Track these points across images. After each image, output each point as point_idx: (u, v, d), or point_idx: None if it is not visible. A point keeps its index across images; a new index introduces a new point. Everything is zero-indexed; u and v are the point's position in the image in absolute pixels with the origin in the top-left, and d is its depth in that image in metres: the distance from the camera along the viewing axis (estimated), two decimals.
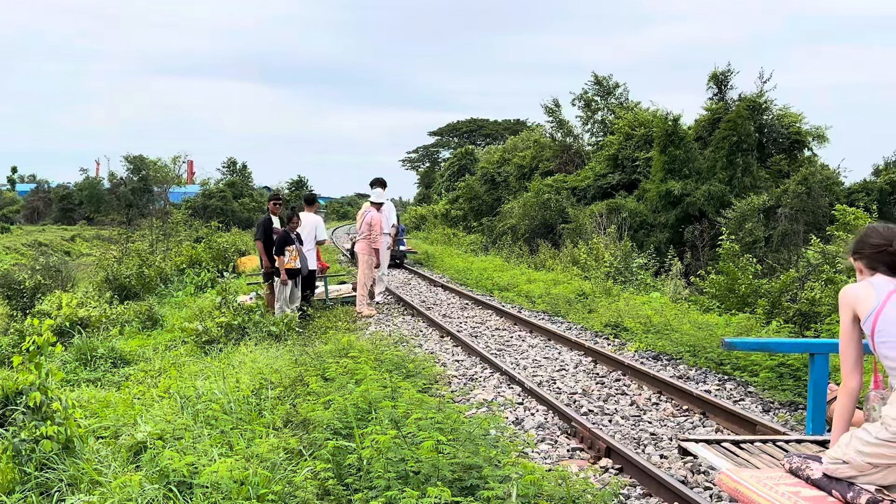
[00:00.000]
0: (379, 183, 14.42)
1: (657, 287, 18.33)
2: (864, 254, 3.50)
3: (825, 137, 26.21)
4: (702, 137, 26.61)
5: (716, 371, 8.71)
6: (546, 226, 29.59)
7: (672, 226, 25.77)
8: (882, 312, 3.24)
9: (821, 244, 17.17)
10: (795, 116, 26.13)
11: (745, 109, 25.37)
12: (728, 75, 26.70)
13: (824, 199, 23.75)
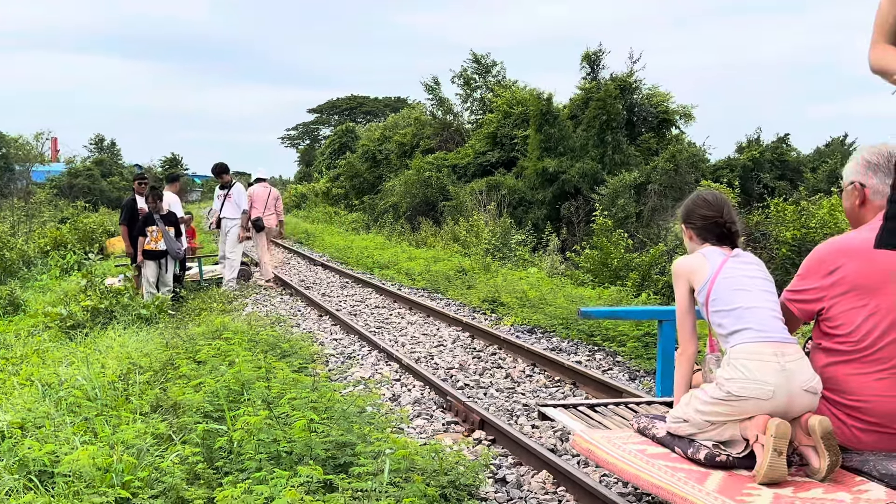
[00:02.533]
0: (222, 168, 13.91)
1: (535, 263, 18.80)
2: (696, 224, 3.69)
3: (691, 116, 27.36)
4: (576, 116, 27.28)
5: (587, 342, 9.05)
6: (427, 203, 29.77)
7: (549, 203, 26.39)
8: (715, 282, 3.46)
9: None
10: (663, 95, 27.14)
11: (615, 89, 26.16)
12: (600, 55, 27.45)
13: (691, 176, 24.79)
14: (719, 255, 3.56)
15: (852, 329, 3.29)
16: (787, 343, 3.30)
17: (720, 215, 3.63)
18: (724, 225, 3.62)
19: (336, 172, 42.28)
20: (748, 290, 3.43)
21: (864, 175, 3.43)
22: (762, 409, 3.20)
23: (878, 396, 3.22)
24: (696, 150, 27.00)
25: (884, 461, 3.15)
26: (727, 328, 3.39)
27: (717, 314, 3.44)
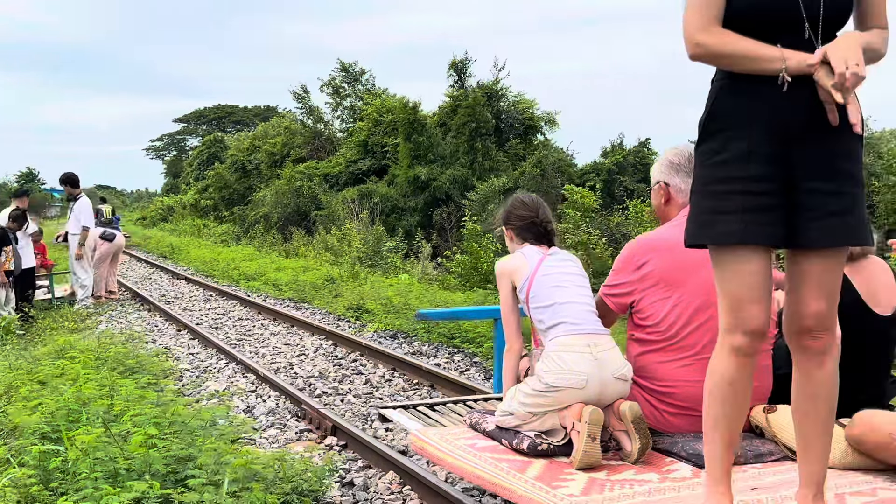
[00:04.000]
0: None
1: (406, 269, 18.94)
2: (515, 225, 3.85)
3: (556, 122, 28.21)
4: (445, 123, 27.67)
5: (447, 345, 9.19)
6: (299, 213, 29.52)
7: (421, 209, 26.63)
8: (534, 280, 3.62)
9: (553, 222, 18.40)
10: (529, 102, 27.87)
11: (482, 96, 26.69)
12: (466, 63, 27.92)
13: (558, 180, 25.55)
14: (537, 253, 3.71)
15: (659, 319, 3.50)
16: (599, 334, 3.48)
17: (536, 215, 3.80)
18: (541, 224, 3.79)
19: (205, 184, 41.32)
20: (564, 287, 3.60)
21: (667, 175, 3.66)
22: (578, 397, 3.36)
23: (685, 382, 3.43)
24: (562, 155, 27.81)
25: (691, 442, 3.36)
26: (546, 323, 3.54)
27: (536, 310, 3.59)
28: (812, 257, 2.42)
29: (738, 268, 2.40)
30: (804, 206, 2.35)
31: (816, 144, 2.34)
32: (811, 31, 2.30)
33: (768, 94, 2.31)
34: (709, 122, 2.44)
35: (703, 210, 2.44)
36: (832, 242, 2.39)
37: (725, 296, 2.45)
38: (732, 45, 2.32)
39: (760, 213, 2.34)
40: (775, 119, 2.33)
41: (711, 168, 2.41)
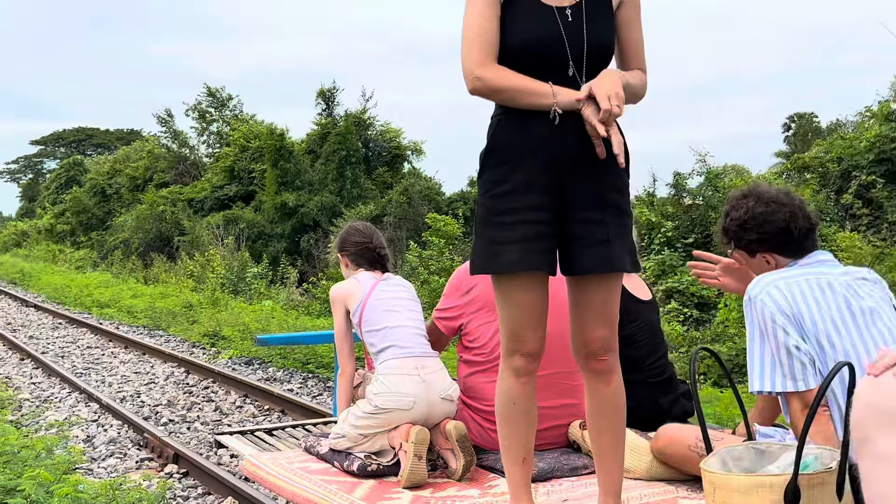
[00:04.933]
0: None
1: (271, 295, 18.65)
2: (350, 251, 3.91)
3: (422, 151, 28.56)
4: (313, 151, 27.55)
5: (301, 370, 9.11)
6: (162, 239, 28.61)
7: (289, 236, 26.35)
8: (367, 304, 3.67)
9: (418, 248, 18.63)
10: (396, 131, 28.14)
11: (351, 125, 26.76)
12: (335, 92, 27.96)
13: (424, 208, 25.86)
14: (371, 279, 3.77)
15: (485, 342, 3.61)
16: (427, 357, 3.56)
17: (370, 242, 3.86)
18: (375, 250, 3.86)
19: (62, 208, 39.48)
20: (396, 311, 3.67)
21: None
22: (406, 418, 3.42)
23: None
24: (429, 183, 28.15)
25: None
26: (376, 346, 3.59)
27: (368, 334, 3.64)
28: (590, 283, 2.52)
29: (519, 294, 2.47)
30: (577, 235, 2.45)
31: (587, 177, 2.44)
32: (576, 70, 2.42)
33: (542, 128, 2.39)
34: (488, 154, 2.49)
35: (487, 240, 2.47)
36: (603, 269, 2.49)
37: (506, 321, 2.52)
38: (508, 80, 2.39)
39: (539, 241, 2.42)
40: (549, 152, 2.41)
41: (493, 199, 2.46)
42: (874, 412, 1.48)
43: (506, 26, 2.43)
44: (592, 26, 2.43)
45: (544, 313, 2.53)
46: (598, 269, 2.49)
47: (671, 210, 15.79)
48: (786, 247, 2.73)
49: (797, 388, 2.55)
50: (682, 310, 12.46)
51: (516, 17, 2.43)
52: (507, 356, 2.56)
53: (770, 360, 2.62)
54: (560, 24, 2.40)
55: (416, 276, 16.59)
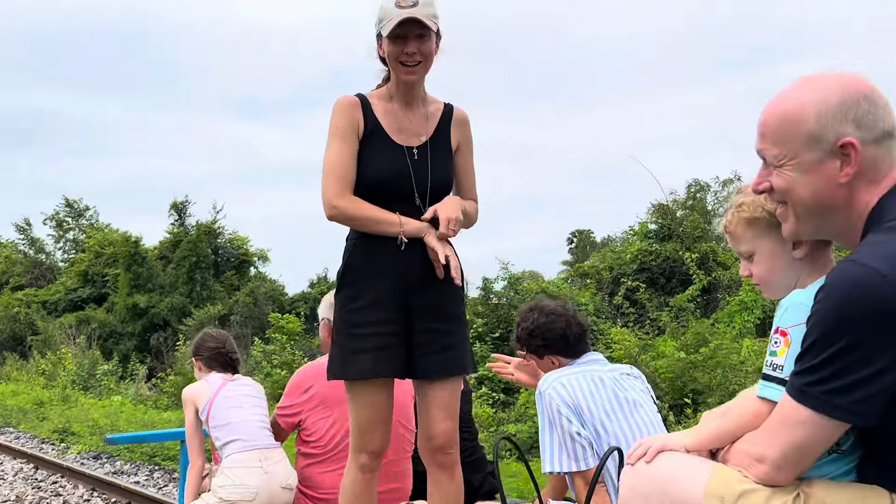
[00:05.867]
0: None
1: (120, 391, 17.37)
2: (204, 356, 3.78)
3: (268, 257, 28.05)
4: (165, 256, 26.41)
5: (149, 463, 8.47)
6: (15, 338, 26.16)
7: (139, 334, 24.84)
8: (214, 402, 3.54)
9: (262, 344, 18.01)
10: (243, 240, 27.55)
11: (202, 234, 25.96)
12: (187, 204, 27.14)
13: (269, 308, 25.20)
14: (220, 379, 3.65)
15: (321, 435, 3.54)
16: (270, 448, 3.45)
17: (223, 347, 3.75)
18: (227, 355, 3.75)
19: None
20: (241, 407, 3.55)
21: (329, 312, 3.79)
22: None
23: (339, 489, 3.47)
24: (274, 285, 27.55)
25: None
26: (222, 440, 3.45)
27: (215, 429, 3.50)
28: (435, 385, 2.54)
29: (369, 398, 2.46)
30: (424, 343, 2.49)
31: (429, 293, 2.51)
32: (421, 201, 2.53)
33: (391, 251, 2.46)
34: (345, 273, 2.52)
35: (344, 349, 2.47)
36: (446, 373, 2.54)
37: (356, 420, 2.50)
38: (361, 210, 2.45)
39: (389, 350, 2.45)
40: (396, 273, 2.46)
41: (349, 313, 2.47)
42: (635, 495, 1.59)
43: (362, 161, 2.50)
44: (436, 165, 2.54)
45: (390, 415, 2.53)
46: (445, 373, 2.53)
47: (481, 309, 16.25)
48: (565, 349, 2.91)
49: (580, 468, 2.67)
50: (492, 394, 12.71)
51: (372, 154, 2.51)
52: (354, 452, 2.52)
53: (558, 445, 2.74)
54: (408, 162, 2.51)
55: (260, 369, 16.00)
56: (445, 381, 2.55)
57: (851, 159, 1.46)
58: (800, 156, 1.50)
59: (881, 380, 1.34)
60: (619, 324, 13.95)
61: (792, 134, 1.50)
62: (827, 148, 1.47)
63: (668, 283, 14.36)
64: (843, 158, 1.47)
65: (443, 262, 2.42)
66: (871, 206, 1.48)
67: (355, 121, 2.50)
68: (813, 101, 1.48)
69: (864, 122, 1.46)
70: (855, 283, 1.35)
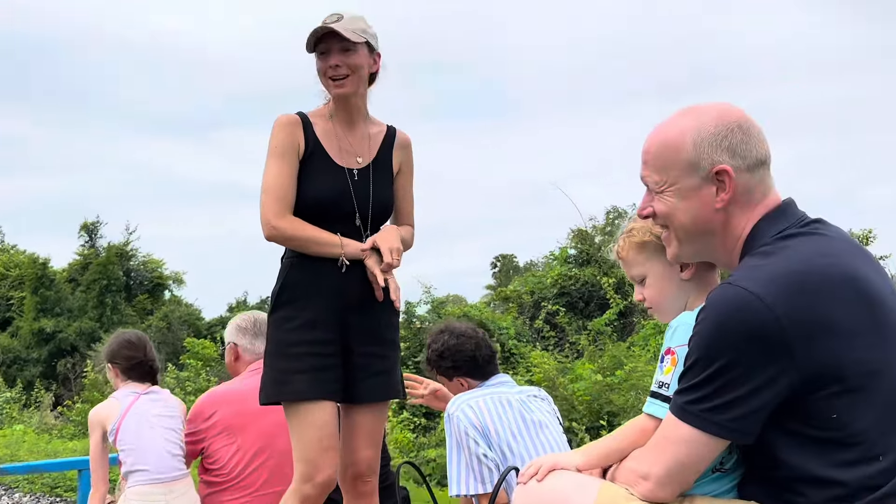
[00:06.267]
0: None
1: (23, 420, 16.51)
2: (121, 364, 3.50)
3: (183, 280, 27.32)
4: (75, 279, 25.39)
5: (50, 494, 8.06)
6: None
7: (45, 360, 23.72)
8: (123, 422, 3.36)
9: (176, 371, 17.48)
10: (158, 262, 26.76)
11: (114, 256, 25.09)
12: (98, 225, 26.22)
13: (184, 332, 24.48)
14: (131, 395, 3.44)
15: (224, 463, 3.43)
16: (177, 480, 3.32)
17: (143, 355, 3.56)
18: (147, 363, 3.56)
19: None
20: (153, 428, 3.38)
21: (236, 336, 3.70)
22: None
23: None
24: (190, 309, 26.82)
25: None
26: (128, 466, 3.29)
27: (123, 453, 3.33)
28: (364, 410, 2.51)
29: (310, 420, 2.36)
30: (358, 366, 2.46)
31: (368, 316, 2.48)
32: (361, 222, 2.51)
33: (330, 272, 2.41)
34: (281, 293, 2.46)
35: (278, 370, 2.40)
36: (380, 397, 2.52)
37: (302, 447, 2.38)
38: (302, 231, 2.41)
39: (327, 372, 2.39)
40: (336, 294, 2.41)
41: (286, 333, 2.41)
42: None
43: (303, 181, 2.46)
44: (377, 187, 2.53)
45: (335, 438, 2.43)
46: (380, 398, 2.51)
47: (404, 333, 16.21)
48: (474, 371, 2.93)
49: (486, 490, 2.69)
50: (413, 419, 12.66)
51: (312, 175, 2.47)
52: (299, 483, 2.38)
53: (465, 467, 2.75)
54: (349, 183, 2.49)
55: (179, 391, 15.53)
56: (375, 406, 2.53)
57: (726, 185, 1.53)
58: (679, 182, 1.57)
59: (758, 398, 1.40)
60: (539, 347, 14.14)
61: (671, 161, 1.57)
62: (704, 174, 1.54)
63: (587, 308, 14.66)
64: (718, 185, 1.54)
65: (382, 285, 2.41)
66: (748, 231, 1.55)
67: (296, 140, 2.47)
68: (691, 130, 1.55)
69: (737, 151, 1.53)
70: (730, 304, 1.41)
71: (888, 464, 1.39)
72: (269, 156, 2.48)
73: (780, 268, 1.43)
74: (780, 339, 1.37)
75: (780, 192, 1.62)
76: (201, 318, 27.11)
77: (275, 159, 2.46)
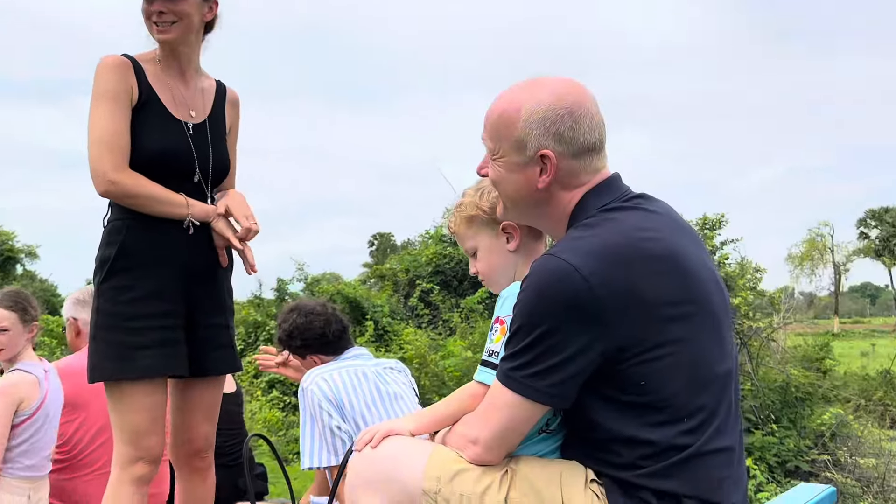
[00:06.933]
0: None
1: None
2: None
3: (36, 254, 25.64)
4: None
5: None
6: None
7: None
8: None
9: None
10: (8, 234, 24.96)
11: None
12: None
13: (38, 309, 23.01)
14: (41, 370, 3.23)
15: (68, 439, 3.30)
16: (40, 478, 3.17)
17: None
18: None
19: None
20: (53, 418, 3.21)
21: (74, 311, 3.54)
22: None
23: (89, 496, 3.25)
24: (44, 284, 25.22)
25: None
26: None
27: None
28: (205, 384, 2.41)
29: (144, 400, 2.20)
30: (204, 339, 2.34)
31: (212, 284, 2.37)
32: (202, 179, 2.35)
33: (175, 237, 2.25)
34: (116, 259, 2.24)
35: (116, 345, 2.20)
36: (226, 370, 2.44)
37: (131, 428, 2.21)
38: (144, 188, 2.20)
39: (171, 346, 2.24)
40: (181, 260, 2.27)
41: (124, 305, 2.21)
42: (361, 480, 1.63)
43: (136, 132, 2.24)
44: (215, 143, 2.39)
45: (164, 417, 2.30)
46: (226, 371, 2.42)
47: (275, 311, 15.93)
48: (326, 347, 2.94)
49: (339, 462, 2.71)
50: (283, 397, 12.49)
51: (147, 125, 2.26)
52: (126, 466, 2.22)
53: (318, 440, 2.76)
54: (189, 137, 2.32)
55: None
56: (215, 380, 2.45)
57: (549, 169, 1.59)
58: (508, 156, 1.62)
59: (574, 365, 1.47)
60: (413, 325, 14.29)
61: (503, 134, 1.62)
62: (530, 154, 1.60)
63: (461, 286, 14.92)
64: (542, 166, 1.60)
65: (239, 248, 2.31)
66: (574, 204, 1.63)
67: (128, 84, 2.24)
68: (524, 108, 1.60)
69: (564, 137, 1.59)
70: (550, 274, 1.47)
71: (693, 425, 1.51)
72: (96, 101, 2.22)
73: (599, 240, 1.51)
74: (594, 309, 1.45)
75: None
76: (57, 294, 25.55)
77: (106, 104, 2.21)
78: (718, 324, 1.58)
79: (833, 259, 55.60)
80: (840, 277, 57.35)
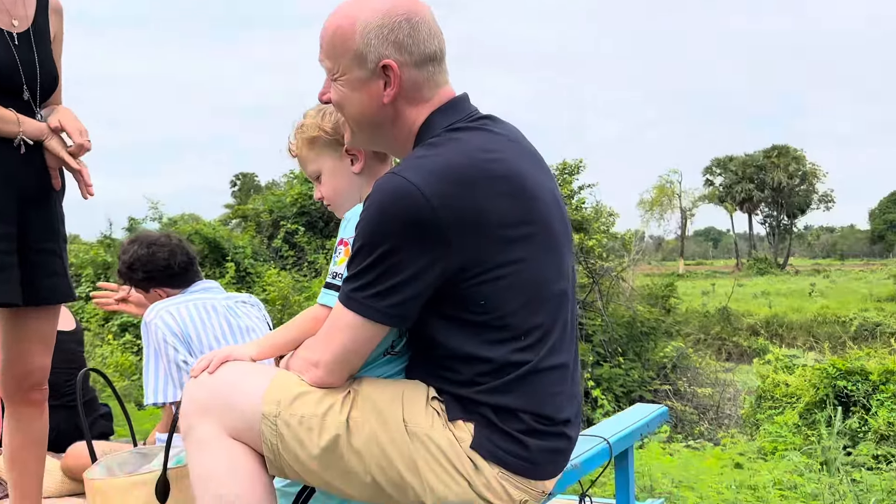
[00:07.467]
0: None
1: None
2: None
3: None
4: None
5: None
6: None
7: None
8: None
9: None
10: None
11: None
12: None
13: None
14: None
15: None
16: None
17: None
18: None
19: None
20: None
21: None
22: None
23: None
24: None
25: None
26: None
27: None
28: (39, 314, 2.28)
29: None
30: (37, 264, 2.20)
31: (45, 207, 2.23)
32: (30, 95, 2.18)
33: (7, 156, 2.11)
34: None
35: None
36: (61, 299, 2.30)
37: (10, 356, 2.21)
38: None
39: (5, 271, 2.11)
40: (13, 181, 2.13)
41: None
42: (196, 406, 1.58)
43: None
44: (42, 56, 2.20)
45: None
46: (58, 300, 2.27)
47: None
48: (171, 280, 2.82)
49: None
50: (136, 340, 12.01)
51: None
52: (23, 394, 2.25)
53: (164, 375, 2.66)
54: (13, 49, 2.13)
55: None
56: (50, 309, 2.31)
57: (391, 81, 1.56)
58: (349, 73, 1.58)
59: (414, 285, 1.47)
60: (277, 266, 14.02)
61: (341, 50, 1.57)
62: (372, 67, 1.56)
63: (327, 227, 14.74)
64: (385, 79, 1.56)
65: (75, 167, 2.15)
66: (420, 123, 1.61)
67: None
68: (360, 20, 1.55)
69: (403, 45, 1.55)
70: (392, 193, 1.46)
71: (529, 342, 1.55)
72: None
73: (442, 160, 1.50)
74: (435, 228, 1.45)
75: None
76: None
77: None
78: (558, 245, 1.61)
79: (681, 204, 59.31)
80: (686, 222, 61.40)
